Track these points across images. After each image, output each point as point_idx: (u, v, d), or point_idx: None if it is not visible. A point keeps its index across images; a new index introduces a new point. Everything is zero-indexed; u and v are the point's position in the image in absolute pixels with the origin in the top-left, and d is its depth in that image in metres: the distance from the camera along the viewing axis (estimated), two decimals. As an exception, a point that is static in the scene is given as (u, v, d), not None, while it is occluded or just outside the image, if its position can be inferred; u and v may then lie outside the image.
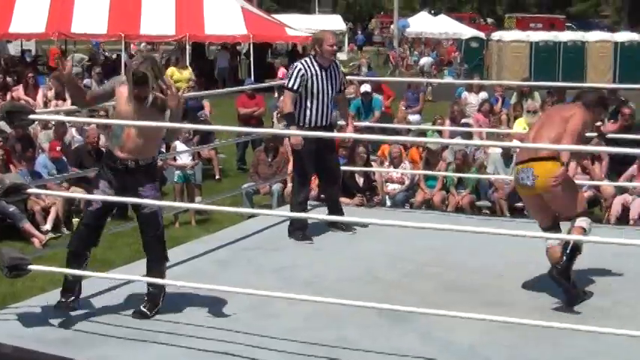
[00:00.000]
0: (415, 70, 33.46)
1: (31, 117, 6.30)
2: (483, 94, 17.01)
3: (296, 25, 32.12)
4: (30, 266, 5.84)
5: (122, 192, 5.82)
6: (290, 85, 8.02)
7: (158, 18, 27.35)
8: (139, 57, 5.90)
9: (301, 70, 8.00)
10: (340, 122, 9.13)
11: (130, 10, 27.38)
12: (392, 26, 42.47)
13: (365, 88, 15.25)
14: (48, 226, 11.26)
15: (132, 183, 5.80)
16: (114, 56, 31.66)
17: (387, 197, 12.14)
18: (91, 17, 27.04)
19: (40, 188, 8.28)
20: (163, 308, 5.88)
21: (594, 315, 5.95)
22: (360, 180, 11.11)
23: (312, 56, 8.18)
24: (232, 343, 5.39)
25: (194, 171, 12.70)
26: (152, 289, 5.92)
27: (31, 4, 26.99)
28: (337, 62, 8.41)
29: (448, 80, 28.01)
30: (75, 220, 11.52)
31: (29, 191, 6.46)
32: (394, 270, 7.04)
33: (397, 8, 32.94)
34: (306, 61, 8.13)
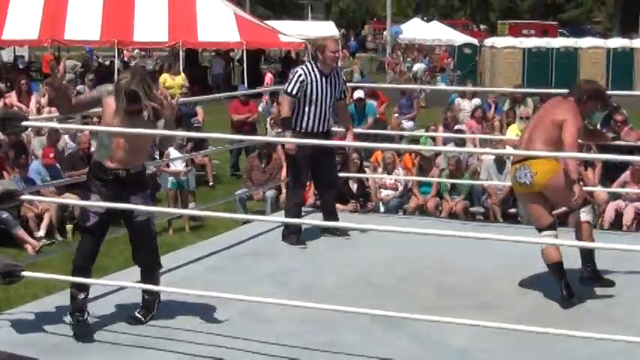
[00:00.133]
0: (408, 77, 33.46)
1: (24, 124, 6.29)
2: (476, 101, 17.05)
3: (289, 32, 32.14)
4: (23, 273, 5.83)
5: (114, 202, 5.73)
6: (289, 90, 8.02)
7: (151, 24, 27.35)
8: (128, 73, 5.74)
9: (301, 76, 8.00)
10: (338, 129, 9.11)
11: (123, 17, 27.37)
12: (385, 33, 42.53)
13: (358, 94, 15.27)
14: (41, 233, 11.23)
15: (123, 192, 5.74)
16: (107, 63, 31.64)
17: (381, 203, 12.16)
18: (84, 24, 27.01)
19: (34, 195, 8.27)
20: (158, 314, 5.88)
21: (590, 320, 5.96)
22: (354, 186, 11.14)
23: (313, 62, 8.19)
24: (227, 349, 5.38)
25: (187, 177, 12.70)
26: (146, 296, 5.91)
27: (24, 11, 26.97)
28: (338, 69, 8.42)
29: (441, 87, 28.03)
30: (68, 227, 11.52)
31: (22, 198, 6.45)
32: (388, 275, 7.04)
33: (390, 15, 32.94)
34: (306, 67, 8.14)
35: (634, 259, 6.86)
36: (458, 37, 42.09)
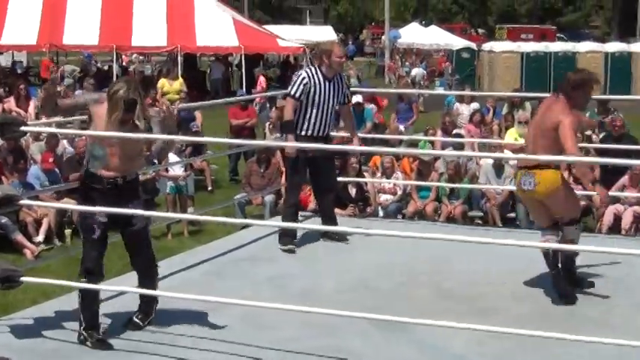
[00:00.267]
0: (406, 82, 33.48)
1: (23, 129, 6.30)
2: (475, 105, 17.05)
3: (287, 36, 32.15)
4: (22, 278, 5.82)
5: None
6: (292, 93, 8.02)
7: (149, 29, 27.35)
8: (122, 82, 5.65)
9: (305, 79, 8.00)
10: (337, 133, 9.11)
11: (122, 22, 27.38)
12: (383, 37, 42.54)
13: (356, 99, 15.27)
14: (40, 238, 11.23)
15: (122, 201, 5.67)
16: (106, 67, 31.64)
17: (380, 208, 12.15)
18: (83, 28, 27.02)
19: (33, 199, 8.27)
20: (156, 319, 5.87)
21: (587, 324, 5.96)
22: (353, 191, 11.14)
23: (317, 66, 8.19)
24: (226, 354, 5.39)
25: (186, 182, 12.69)
26: (144, 301, 5.91)
27: (23, 16, 26.98)
28: (342, 74, 8.41)
29: (439, 91, 28.04)
30: (67, 232, 11.51)
31: (21, 203, 6.45)
32: (387, 280, 7.04)
33: (388, 19, 32.95)
34: (310, 70, 8.14)
35: (632, 264, 6.87)
36: (456, 42, 42.08)
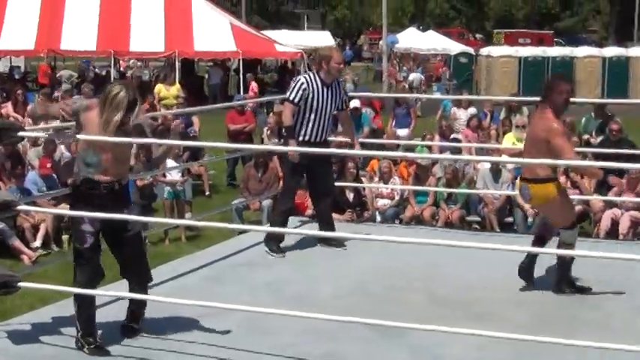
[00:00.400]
0: (404, 86, 33.46)
1: (21, 134, 6.30)
2: (472, 110, 17.04)
3: (285, 41, 32.16)
4: (19, 283, 5.81)
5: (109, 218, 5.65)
6: (291, 98, 8.02)
7: (147, 34, 27.35)
8: (118, 85, 5.63)
9: (304, 84, 8.00)
10: (335, 138, 9.11)
11: (119, 27, 27.37)
12: (381, 42, 42.54)
13: (354, 104, 15.27)
14: (37, 243, 11.23)
15: (116, 206, 5.64)
16: (104, 73, 31.64)
17: (377, 213, 12.15)
18: (80, 34, 27.02)
19: (30, 205, 8.26)
20: (153, 325, 5.86)
21: (585, 328, 5.96)
22: (350, 195, 11.14)
23: (315, 71, 8.19)
24: (223, 360, 5.39)
25: (184, 187, 12.68)
26: (137, 305, 5.86)
27: (20, 21, 26.97)
28: (340, 80, 8.41)
29: (436, 96, 28.04)
30: (65, 237, 11.49)
31: (19, 208, 6.45)
32: (385, 285, 7.04)
33: (386, 24, 32.94)
34: (309, 76, 8.14)
35: (630, 268, 6.87)
36: (454, 47, 42.10)
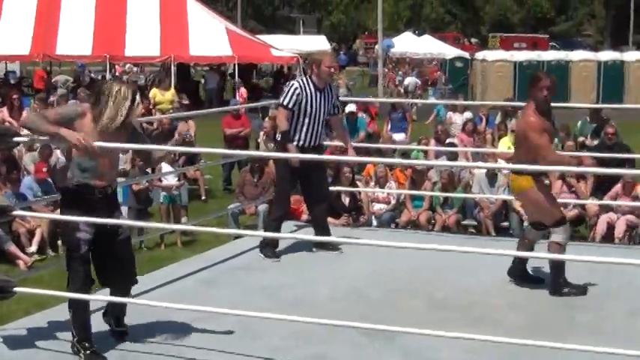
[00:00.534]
0: (399, 91, 33.51)
1: (16, 139, 6.30)
2: (468, 114, 17.07)
3: (281, 46, 32.19)
4: (15, 288, 5.81)
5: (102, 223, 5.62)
6: (285, 103, 8.02)
7: (143, 39, 27.37)
8: (115, 82, 5.61)
9: (297, 89, 8.00)
10: (330, 142, 9.12)
11: (115, 32, 27.39)
12: (376, 46, 42.58)
13: (350, 108, 15.30)
14: (33, 248, 11.22)
15: (108, 210, 5.64)
16: (99, 77, 31.62)
17: (373, 217, 12.16)
18: (76, 39, 27.03)
19: (26, 210, 8.26)
20: (149, 329, 5.86)
21: (580, 332, 5.97)
22: (346, 200, 11.15)
23: (308, 76, 8.20)
24: (219, 364, 5.39)
25: (180, 192, 12.69)
26: (120, 311, 5.85)
27: (15, 26, 26.96)
28: (332, 84, 8.41)
29: (431, 100, 28.07)
30: (60, 242, 11.48)
31: (14, 213, 6.45)
32: (380, 289, 7.04)
33: (381, 29, 32.97)
34: (302, 80, 8.15)
35: (625, 272, 6.88)
36: (449, 51, 42.17)
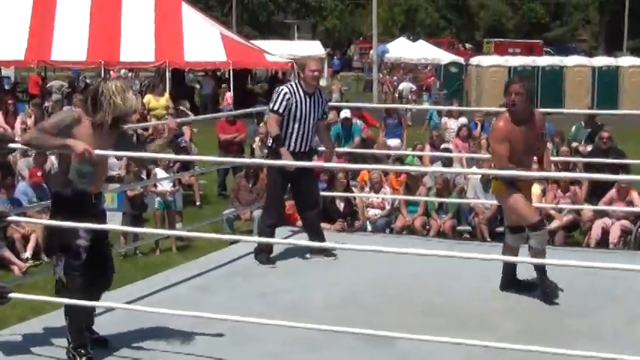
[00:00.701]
0: (394, 96, 33.52)
1: (11, 145, 6.30)
2: (463, 119, 17.10)
3: (275, 51, 32.19)
4: (10, 294, 5.80)
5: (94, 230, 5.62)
6: (275, 108, 8.04)
7: (138, 44, 27.34)
8: (107, 81, 5.65)
9: (287, 94, 8.02)
10: (321, 148, 9.12)
11: (110, 37, 27.36)
12: (371, 52, 42.63)
13: (345, 114, 15.31)
14: (28, 254, 11.20)
15: (100, 215, 5.69)
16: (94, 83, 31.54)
17: (368, 222, 12.15)
18: (71, 44, 26.97)
19: (20, 216, 8.25)
20: (144, 335, 5.85)
21: (575, 338, 5.97)
22: (341, 205, 11.14)
23: (297, 81, 8.22)
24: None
25: (174, 197, 12.68)
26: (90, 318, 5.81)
27: (10, 31, 26.90)
28: (321, 89, 8.43)
29: (426, 106, 28.11)
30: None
31: (9, 219, 6.44)
32: (376, 295, 7.04)
33: (376, 34, 33.00)
34: (292, 86, 8.17)
35: (620, 277, 6.88)
36: (444, 56, 42.18)
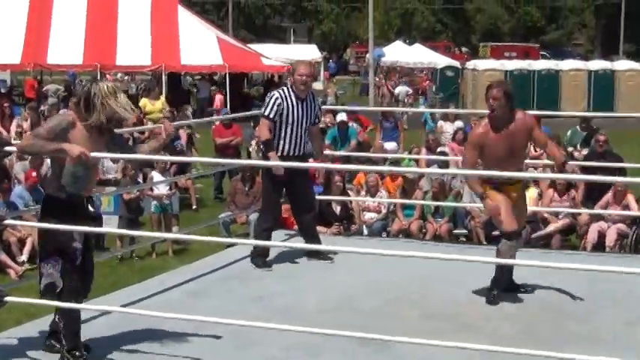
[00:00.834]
0: (390, 100, 33.54)
1: (7, 149, 6.29)
2: (459, 123, 17.10)
3: (272, 55, 32.21)
4: (6, 298, 5.79)
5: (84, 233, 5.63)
6: (267, 113, 8.04)
7: (134, 48, 27.35)
8: (88, 84, 5.55)
9: (278, 99, 8.02)
10: (327, 152, 9.15)
11: (106, 41, 27.36)
12: (367, 55, 42.68)
13: (341, 117, 15.32)
14: (24, 257, 11.19)
15: (90, 217, 5.67)
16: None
17: (364, 226, 12.16)
18: (67, 48, 26.99)
19: (16, 219, 8.24)
20: (140, 339, 5.84)
21: (575, 341, 5.97)
22: (337, 209, 11.15)
23: (289, 86, 8.22)
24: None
25: (171, 201, 12.67)
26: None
27: (6, 35, 26.91)
28: (313, 93, 8.42)
29: (422, 109, 28.12)
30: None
31: (5, 223, 6.43)
32: (373, 298, 7.04)
33: (372, 38, 33.03)
34: (283, 90, 8.17)
35: (617, 280, 6.90)
36: (440, 60, 42.22)
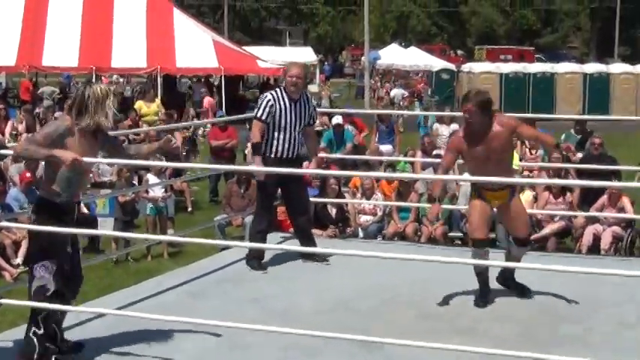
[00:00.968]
0: (386, 102, 33.59)
1: (3, 152, 6.29)
2: (454, 126, 17.09)
3: (267, 58, 32.20)
4: (1, 300, 5.79)
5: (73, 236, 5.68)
6: (259, 115, 8.03)
7: (129, 50, 27.31)
8: (87, 86, 5.58)
9: (270, 101, 8.01)
10: (322, 154, 9.15)
11: (101, 43, 27.31)
12: (363, 58, 42.72)
13: (337, 120, 15.31)
14: (19, 260, 11.16)
15: (79, 221, 5.72)
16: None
17: (360, 229, 12.15)
18: (62, 50, 26.93)
19: (11, 222, 8.23)
20: (135, 340, 5.84)
21: (568, 344, 5.98)
22: (333, 211, 11.15)
23: (282, 88, 8.21)
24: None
25: (166, 203, 12.66)
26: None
27: (1, 37, 26.87)
28: (308, 95, 8.42)
29: (417, 112, 28.15)
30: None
31: (0, 225, 6.42)
32: (368, 300, 7.04)
33: (368, 40, 33.07)
34: (276, 92, 8.15)
35: (611, 283, 6.90)
36: (435, 63, 42.27)
